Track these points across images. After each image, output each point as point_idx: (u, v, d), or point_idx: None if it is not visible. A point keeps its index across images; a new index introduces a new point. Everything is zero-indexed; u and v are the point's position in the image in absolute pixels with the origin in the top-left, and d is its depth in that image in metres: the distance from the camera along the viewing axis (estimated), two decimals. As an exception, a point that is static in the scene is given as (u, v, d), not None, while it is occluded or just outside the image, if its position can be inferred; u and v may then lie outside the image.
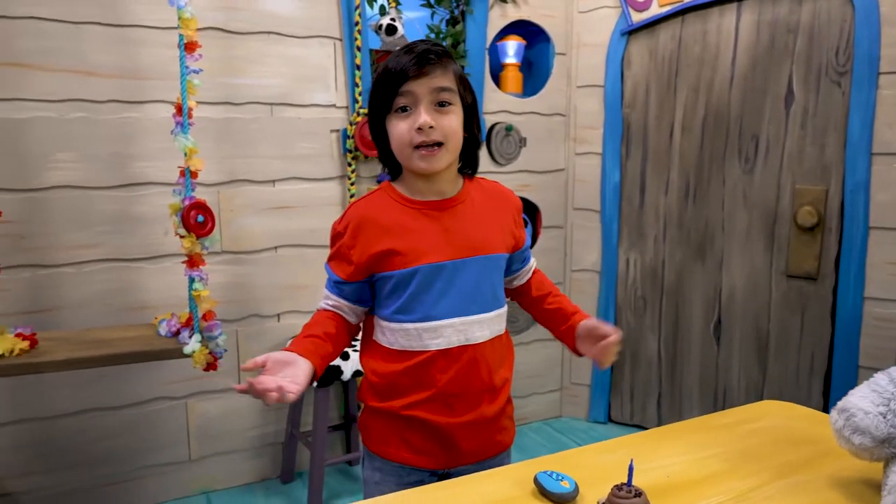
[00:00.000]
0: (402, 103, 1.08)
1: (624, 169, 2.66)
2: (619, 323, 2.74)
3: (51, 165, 1.90)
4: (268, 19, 2.12)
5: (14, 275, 1.87)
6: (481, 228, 1.17)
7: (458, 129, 1.11)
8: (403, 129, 1.09)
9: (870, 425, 0.89)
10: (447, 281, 1.12)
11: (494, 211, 1.20)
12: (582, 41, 2.64)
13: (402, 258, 1.12)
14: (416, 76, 1.06)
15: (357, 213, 1.15)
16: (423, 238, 1.13)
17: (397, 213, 1.14)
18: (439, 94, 1.08)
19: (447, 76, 1.10)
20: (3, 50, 1.80)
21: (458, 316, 1.13)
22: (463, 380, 1.14)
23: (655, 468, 0.97)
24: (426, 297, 1.13)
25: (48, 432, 1.98)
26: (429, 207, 1.14)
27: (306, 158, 2.23)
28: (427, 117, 1.07)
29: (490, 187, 1.24)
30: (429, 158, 1.09)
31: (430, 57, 1.07)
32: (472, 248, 1.14)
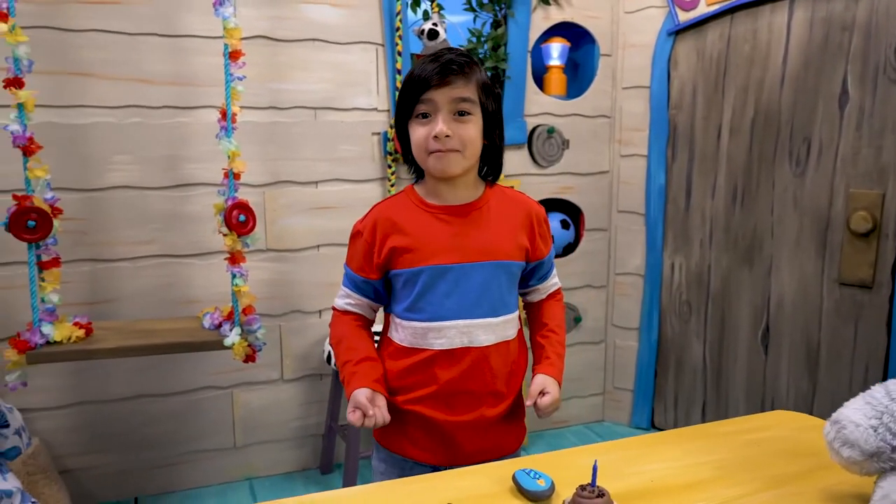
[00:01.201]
0: (422, 110, 1.14)
1: (669, 171, 2.61)
2: (663, 328, 2.70)
3: (110, 167, 2.04)
4: (312, 27, 2.21)
5: (76, 268, 2.02)
6: (494, 235, 1.20)
7: (475, 137, 1.16)
8: (422, 134, 1.14)
9: (859, 438, 0.86)
10: (453, 283, 1.17)
11: (512, 219, 1.23)
12: (628, 42, 2.61)
13: (410, 257, 1.17)
14: (438, 85, 1.12)
15: (377, 213, 1.22)
16: (433, 240, 1.17)
17: (413, 215, 1.19)
18: (459, 104, 1.13)
19: (469, 86, 1.14)
20: (69, 60, 1.95)
21: (463, 318, 1.17)
22: (464, 381, 1.17)
23: (642, 472, 0.97)
24: (432, 298, 1.18)
25: (104, 415, 2.13)
26: (444, 212, 1.19)
27: (348, 160, 2.30)
28: (444, 126, 1.12)
29: (512, 196, 1.28)
30: (443, 161, 1.14)
31: (453, 67, 1.12)
32: (482, 253, 1.18)
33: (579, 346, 2.76)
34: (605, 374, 2.84)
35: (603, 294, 2.77)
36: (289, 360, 2.32)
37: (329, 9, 2.22)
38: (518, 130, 2.50)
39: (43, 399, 2.05)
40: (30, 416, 2.01)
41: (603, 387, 2.84)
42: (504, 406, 1.24)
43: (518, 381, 1.28)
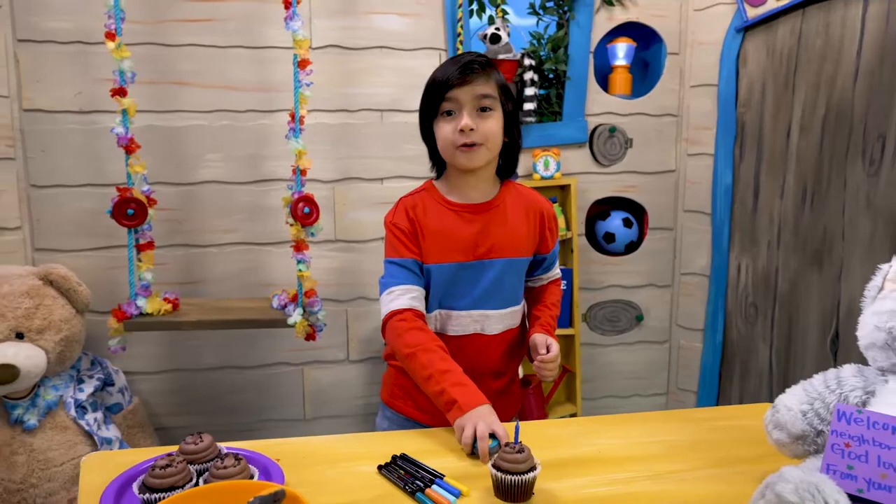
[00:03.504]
0: (447, 108, 1.24)
1: (737, 171, 2.56)
2: (728, 330, 2.64)
3: (201, 164, 2.32)
4: (380, 35, 2.38)
5: (171, 252, 2.32)
6: (510, 233, 1.30)
7: (497, 131, 1.25)
8: (448, 130, 1.24)
9: (788, 421, 0.90)
10: (472, 278, 1.27)
11: (525, 217, 1.33)
12: (696, 39, 2.58)
13: (437, 253, 1.27)
14: (460, 84, 1.22)
15: (408, 205, 1.31)
16: (457, 238, 1.27)
17: (437, 212, 1.30)
18: (481, 101, 1.22)
19: (489, 84, 1.23)
20: (168, 71, 2.25)
21: (477, 309, 1.28)
22: (470, 361, 1.28)
23: (594, 444, 1.05)
24: (453, 291, 1.29)
25: (194, 381, 2.42)
26: (466, 210, 1.29)
27: (411, 159, 2.46)
28: (469, 120, 1.21)
29: (526, 193, 1.37)
30: (469, 154, 1.23)
31: (474, 67, 1.22)
32: (499, 250, 1.28)
33: (642, 344, 2.76)
34: (669, 374, 2.82)
35: (667, 294, 2.75)
36: (354, 343, 2.52)
37: (396, 18, 2.39)
38: (578, 130, 2.56)
39: (143, 364, 2.37)
40: (132, 379, 2.34)
41: (666, 387, 2.83)
42: (503, 381, 1.35)
43: (517, 361, 1.38)
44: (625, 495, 0.92)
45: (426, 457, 1.00)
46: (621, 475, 0.96)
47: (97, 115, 2.19)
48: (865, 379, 0.90)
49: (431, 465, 0.98)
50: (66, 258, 2.21)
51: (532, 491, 0.91)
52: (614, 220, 2.67)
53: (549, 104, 2.56)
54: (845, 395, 0.90)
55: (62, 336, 2.00)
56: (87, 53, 2.17)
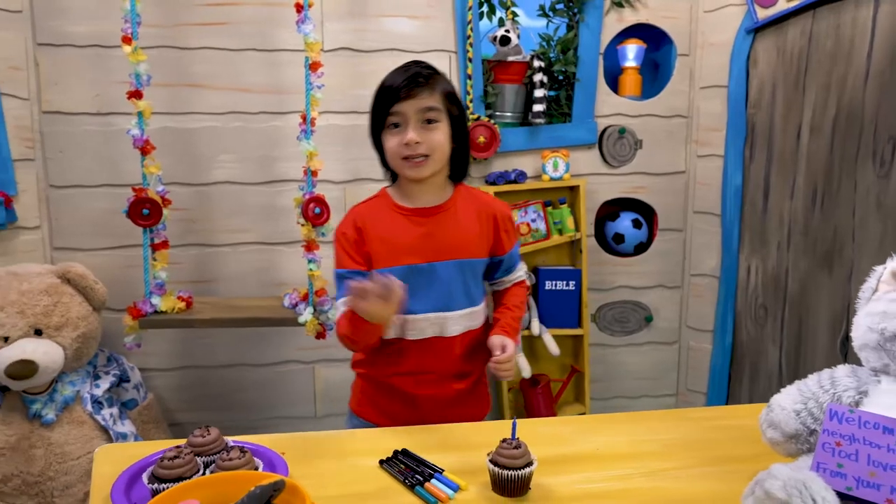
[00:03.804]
0: (393, 121, 1.28)
1: (747, 172, 2.56)
2: (738, 331, 2.64)
3: (215, 165, 2.36)
4: (391, 38, 2.41)
5: (185, 251, 2.37)
6: (462, 234, 1.32)
7: (443, 142, 1.28)
8: (394, 143, 1.27)
9: (782, 420, 0.92)
10: (425, 280, 1.29)
11: (477, 218, 1.35)
12: (706, 41, 2.58)
13: (386, 256, 1.30)
14: (406, 98, 1.24)
15: (357, 215, 1.35)
16: (406, 241, 1.30)
17: (388, 217, 1.33)
18: (426, 114, 1.26)
19: (433, 97, 1.26)
20: (182, 74, 2.29)
21: (434, 311, 1.30)
22: (434, 364, 1.32)
23: (592, 441, 1.07)
24: (408, 294, 1.26)
25: (205, 379, 2.47)
26: (416, 214, 1.32)
27: (421, 160, 2.49)
28: (413, 134, 1.25)
29: (479, 196, 1.40)
30: (416, 168, 1.27)
31: (419, 80, 1.25)
32: (451, 252, 1.30)
33: (651, 345, 2.77)
34: (679, 375, 2.82)
35: (676, 294, 2.76)
36: (364, 342, 2.55)
37: (406, 20, 2.41)
38: (588, 131, 2.57)
39: (158, 361, 2.41)
40: (147, 375, 2.38)
41: (676, 388, 2.83)
42: (468, 382, 1.38)
43: (481, 361, 1.40)
44: (620, 491, 0.93)
45: (426, 452, 1.03)
46: (617, 472, 0.98)
47: (114, 117, 2.24)
48: (858, 379, 0.92)
49: (431, 460, 1.01)
50: (83, 257, 2.26)
51: (529, 486, 0.94)
52: (624, 221, 2.68)
53: (559, 106, 2.58)
54: (838, 395, 0.91)
55: (79, 333, 2.05)
56: (105, 57, 2.22)
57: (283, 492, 0.70)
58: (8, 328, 1.94)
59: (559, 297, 2.55)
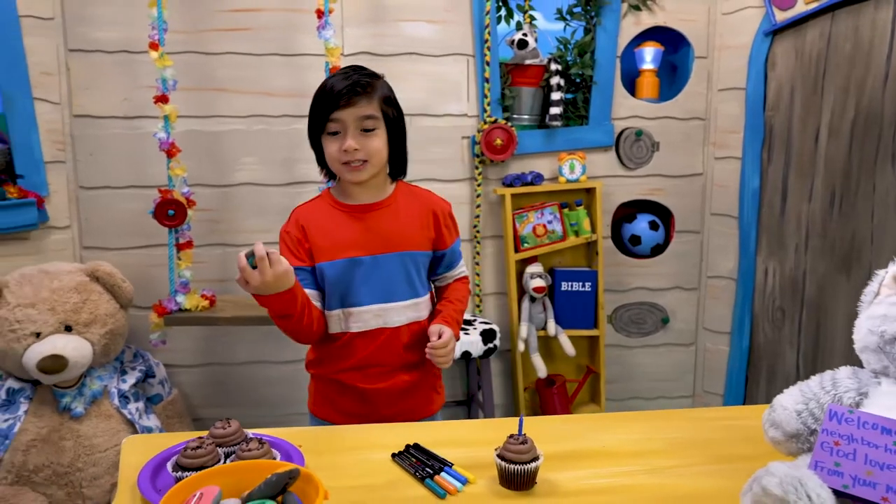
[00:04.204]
0: (332, 129, 1.30)
1: (765, 174, 2.55)
2: (755, 334, 2.64)
3: (238, 167, 2.43)
4: (410, 42, 2.46)
5: (209, 251, 2.43)
6: (403, 228, 1.36)
7: (380, 148, 1.32)
8: (334, 149, 1.30)
9: (783, 420, 0.94)
10: (367, 272, 1.34)
11: (419, 214, 1.39)
12: (724, 43, 2.59)
13: (328, 251, 1.34)
14: (345, 106, 1.27)
15: (300, 214, 1.39)
16: (346, 236, 1.34)
17: (329, 214, 1.37)
18: (363, 122, 1.28)
19: (371, 105, 1.29)
20: (208, 78, 2.36)
21: (377, 303, 1.34)
22: (379, 356, 1.35)
23: (600, 438, 1.09)
24: (349, 287, 1.35)
25: (228, 375, 2.53)
26: (356, 210, 1.36)
27: (440, 162, 2.53)
28: (352, 142, 1.27)
29: (420, 193, 1.45)
30: (354, 172, 1.31)
31: (357, 90, 1.27)
32: (392, 245, 1.35)
33: (667, 346, 2.78)
34: (695, 376, 2.83)
35: (693, 296, 2.76)
36: (382, 340, 2.59)
37: (425, 25, 2.46)
38: (605, 133, 2.59)
39: (182, 358, 2.48)
40: (171, 371, 2.45)
41: (692, 389, 2.83)
42: (417, 373, 1.41)
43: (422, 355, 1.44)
44: (623, 487, 0.96)
45: (437, 447, 1.06)
46: (622, 468, 1.01)
47: (141, 120, 2.31)
48: (859, 381, 0.93)
49: (442, 454, 1.04)
50: (111, 256, 2.33)
51: (535, 480, 0.97)
52: (640, 222, 2.69)
53: (576, 108, 2.60)
54: (839, 396, 0.93)
55: (107, 329, 2.12)
56: (133, 62, 2.29)
57: (298, 480, 0.74)
58: (39, 324, 2.01)
59: (575, 298, 2.57)
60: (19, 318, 2.00)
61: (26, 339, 1.99)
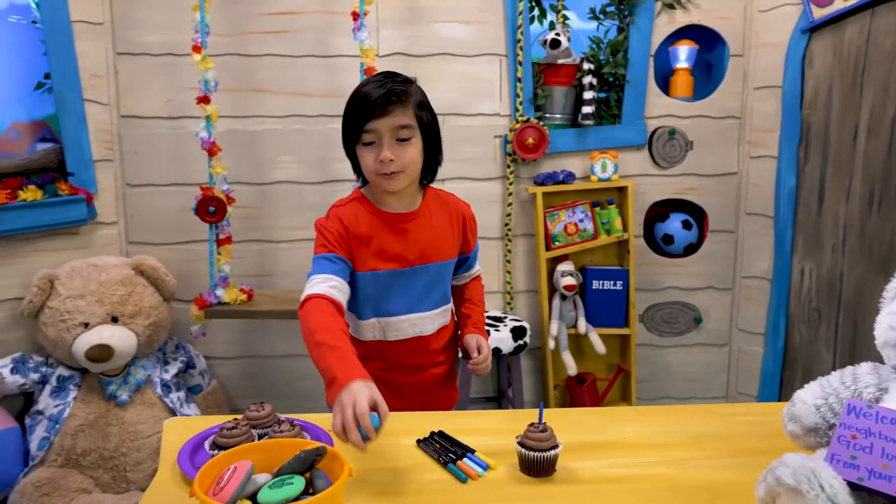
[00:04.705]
0: (367, 139, 1.26)
1: (801, 173, 2.52)
2: (790, 335, 2.61)
3: (276, 166, 2.50)
4: (444, 43, 2.50)
5: (247, 247, 2.51)
6: (437, 238, 1.37)
7: (416, 158, 1.29)
8: (370, 160, 1.27)
9: (802, 414, 0.95)
10: (405, 283, 1.35)
11: (449, 221, 1.40)
12: (760, 41, 2.56)
13: (369, 262, 1.32)
14: (380, 115, 1.24)
15: (343, 214, 1.34)
16: (387, 247, 1.33)
17: (369, 223, 1.33)
18: (399, 132, 1.25)
19: (406, 114, 1.27)
20: (247, 79, 2.43)
21: (413, 313, 1.36)
22: (413, 359, 1.39)
23: (622, 431, 1.11)
24: (388, 298, 1.35)
25: (265, 367, 2.61)
26: (395, 220, 1.34)
27: (472, 161, 2.56)
28: (388, 152, 1.24)
29: (447, 198, 1.44)
30: (390, 182, 1.28)
31: (392, 98, 1.25)
32: (428, 256, 1.36)
33: (699, 347, 2.76)
34: (729, 377, 2.80)
35: (727, 297, 2.74)
36: (414, 336, 2.64)
37: (459, 26, 2.49)
38: (637, 132, 2.59)
39: (221, 350, 2.57)
40: (211, 363, 2.54)
41: (726, 390, 2.81)
42: (444, 368, 1.45)
43: (453, 351, 1.49)
44: (641, 476, 0.98)
45: (461, 434, 1.10)
46: (641, 459, 1.03)
47: (184, 120, 2.40)
48: (879, 376, 0.94)
49: (465, 442, 1.08)
50: (155, 251, 2.43)
51: (554, 467, 0.99)
52: (673, 222, 2.68)
53: (609, 107, 2.60)
54: (859, 391, 0.93)
55: (151, 321, 2.21)
56: (177, 65, 2.38)
57: (325, 458, 0.78)
58: (88, 315, 2.11)
59: (606, 296, 2.58)
60: (69, 308, 2.11)
61: (75, 328, 2.09)
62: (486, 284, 2.58)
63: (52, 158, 2.29)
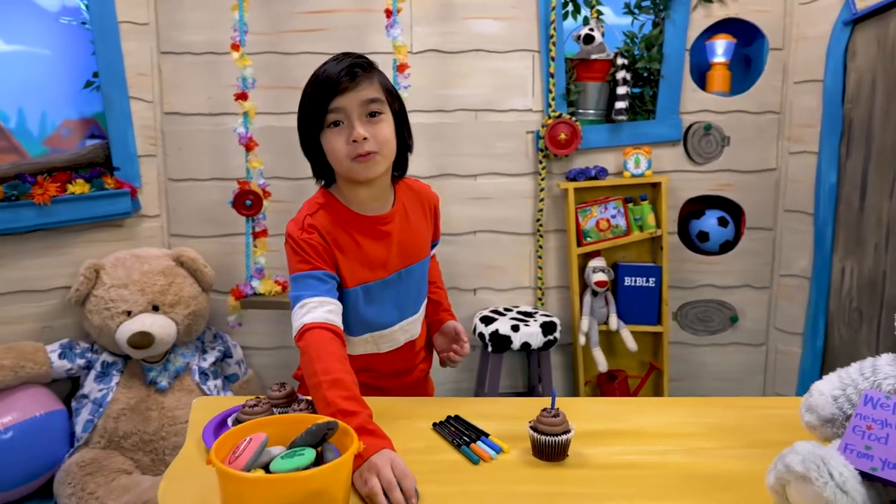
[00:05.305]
0: (333, 119, 1.13)
1: (842, 170, 2.45)
2: (830, 335, 2.54)
3: (312, 161, 2.55)
4: (477, 39, 2.51)
5: (282, 240, 2.55)
6: (416, 237, 1.28)
7: (391, 136, 1.17)
8: (340, 143, 1.13)
9: (819, 405, 0.93)
10: (394, 290, 1.25)
11: (423, 215, 1.32)
12: (801, 34, 2.51)
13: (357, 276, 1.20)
14: (344, 91, 1.12)
15: (319, 224, 1.19)
16: (373, 256, 1.22)
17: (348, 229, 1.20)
18: (369, 106, 1.13)
19: (373, 87, 1.15)
20: (285, 77, 2.50)
21: (405, 319, 1.29)
22: (403, 363, 1.35)
23: (639, 420, 1.12)
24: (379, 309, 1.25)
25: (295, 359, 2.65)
26: (375, 223, 1.22)
27: (503, 156, 2.57)
28: (361, 129, 1.11)
29: (416, 188, 1.33)
30: (366, 165, 1.14)
31: (356, 70, 1.13)
32: (410, 258, 1.26)
33: (736, 346, 2.71)
34: (766, 378, 2.74)
35: (764, 295, 2.68)
36: (445, 330, 2.66)
37: (492, 22, 2.51)
38: (672, 128, 2.56)
39: (257, 341, 2.64)
40: (247, 353, 2.61)
41: (762, 391, 2.75)
42: (427, 364, 1.43)
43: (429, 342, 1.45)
44: (653, 463, 0.98)
45: (477, 419, 1.12)
46: (655, 447, 1.03)
47: (223, 117, 2.47)
48: (900, 367, 0.92)
49: (480, 426, 1.09)
50: (195, 243, 2.51)
51: (566, 452, 1.00)
52: (709, 218, 2.65)
53: (643, 103, 2.58)
54: (878, 383, 0.92)
55: (190, 310, 2.29)
56: (217, 63, 2.46)
57: (337, 433, 0.81)
58: (131, 303, 2.20)
59: (639, 293, 2.56)
60: (113, 297, 2.20)
61: (119, 316, 2.18)
62: (517, 280, 2.63)
63: (99, 154, 2.39)
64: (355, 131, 1.13)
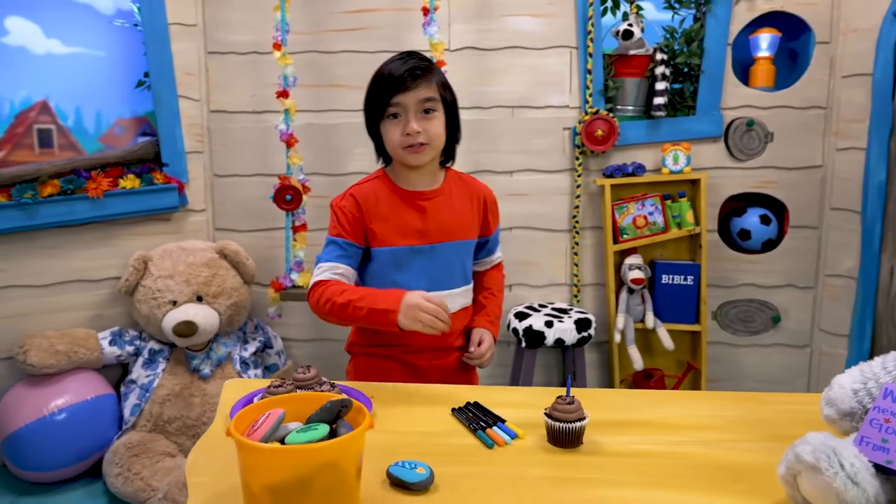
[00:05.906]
0: (393, 112, 1.32)
1: (892, 166, 2.37)
2: (877, 337, 2.46)
3: (351, 157, 2.61)
4: (514, 36, 2.52)
5: (321, 234, 2.53)
6: (457, 216, 1.39)
7: (441, 131, 1.34)
8: (395, 133, 1.32)
9: (838, 398, 0.92)
10: (426, 261, 1.36)
11: (469, 202, 1.42)
12: (849, 27, 2.43)
13: (390, 237, 1.35)
14: (407, 89, 1.30)
15: (359, 193, 1.39)
16: (406, 223, 1.36)
17: (388, 199, 1.37)
18: (424, 104, 1.31)
19: (431, 87, 1.32)
20: (326, 75, 2.56)
21: (436, 290, 1.34)
22: (436, 340, 1.36)
23: (659, 412, 1.12)
24: (409, 275, 1.36)
25: (337, 351, 2.71)
26: (415, 197, 1.38)
27: (540, 153, 2.58)
28: (415, 124, 1.29)
29: (468, 180, 1.47)
30: (416, 155, 1.33)
31: (417, 73, 1.30)
32: (448, 234, 1.37)
33: (777, 347, 2.65)
34: (809, 380, 2.67)
35: (809, 295, 2.61)
36: (480, 326, 2.68)
37: (529, 19, 2.52)
38: (713, 124, 2.52)
39: (296, 333, 2.71)
40: (286, 344, 2.68)
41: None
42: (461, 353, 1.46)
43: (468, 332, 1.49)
44: (668, 453, 0.98)
45: (495, 406, 1.13)
46: (671, 438, 1.02)
47: (266, 114, 2.55)
48: (923, 361, 0.90)
49: (498, 413, 1.11)
50: (238, 237, 2.60)
51: (581, 439, 1.01)
52: (751, 216, 2.59)
53: (683, 98, 2.55)
54: (901, 376, 0.90)
55: (232, 301, 2.37)
56: (260, 62, 2.53)
57: (351, 411, 0.84)
58: (176, 294, 2.29)
59: (676, 291, 2.53)
60: (160, 287, 2.29)
61: (165, 306, 2.28)
62: (552, 276, 2.63)
63: (149, 150, 2.49)
64: (410, 126, 1.30)
